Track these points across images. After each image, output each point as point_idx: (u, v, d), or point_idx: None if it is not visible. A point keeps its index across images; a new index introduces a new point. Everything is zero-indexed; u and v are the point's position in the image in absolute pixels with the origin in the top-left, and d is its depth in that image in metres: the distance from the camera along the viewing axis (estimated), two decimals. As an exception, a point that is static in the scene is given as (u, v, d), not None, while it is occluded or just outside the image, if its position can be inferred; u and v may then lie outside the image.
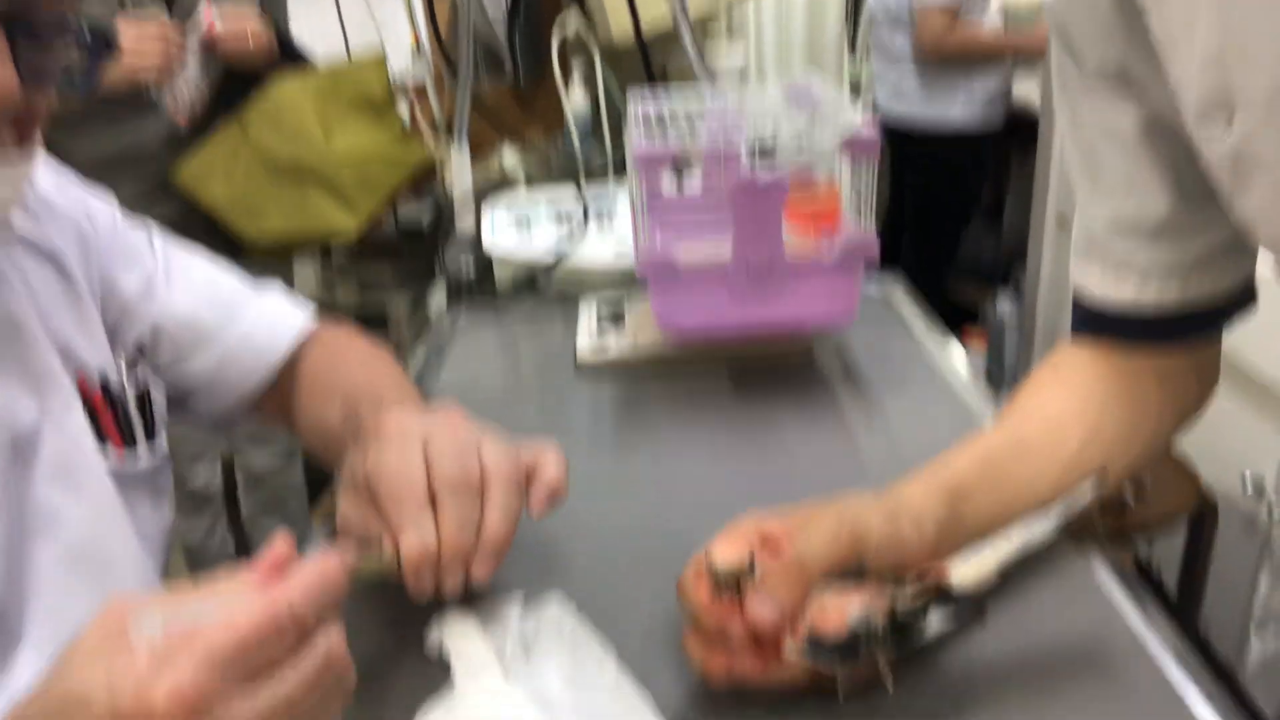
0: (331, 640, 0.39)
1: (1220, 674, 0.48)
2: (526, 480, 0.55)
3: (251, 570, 0.40)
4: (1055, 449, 0.59)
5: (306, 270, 2.47)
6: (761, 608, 0.45)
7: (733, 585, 0.46)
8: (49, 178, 0.67)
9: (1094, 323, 0.62)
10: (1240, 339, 0.63)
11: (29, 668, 0.53)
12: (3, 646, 0.55)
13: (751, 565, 0.47)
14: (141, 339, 0.72)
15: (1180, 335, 0.61)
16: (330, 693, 0.39)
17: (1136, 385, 0.61)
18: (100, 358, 0.67)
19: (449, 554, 0.50)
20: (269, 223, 1.63)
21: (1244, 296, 0.60)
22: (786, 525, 0.51)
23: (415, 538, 0.50)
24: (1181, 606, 1.63)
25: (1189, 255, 0.57)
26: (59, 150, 1.51)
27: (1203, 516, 1.55)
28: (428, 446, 0.53)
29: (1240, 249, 0.57)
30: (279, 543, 0.41)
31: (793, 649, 0.46)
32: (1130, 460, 0.61)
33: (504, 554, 0.52)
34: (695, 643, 0.49)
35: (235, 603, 0.37)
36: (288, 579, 0.39)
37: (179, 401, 0.75)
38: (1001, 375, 2.58)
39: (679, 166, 1.00)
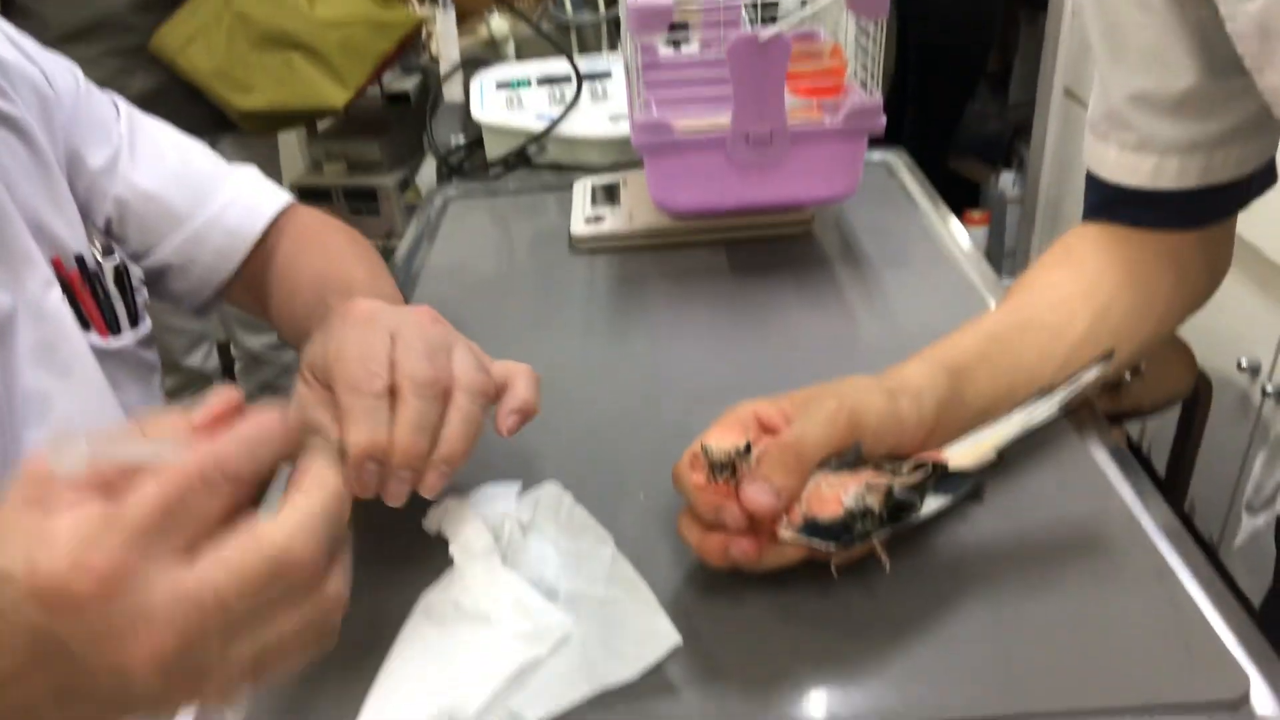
0: (336, 585, 0.36)
1: (1208, 554, 0.49)
2: (496, 395, 0.51)
3: (190, 417, 0.36)
4: (1062, 329, 0.58)
5: (293, 151, 2.42)
6: (758, 494, 0.45)
7: (728, 470, 0.46)
8: (3, 42, 0.63)
9: (1108, 205, 0.61)
10: (1244, 220, 0.62)
11: None
12: None
13: (747, 449, 0.46)
14: (109, 216, 0.69)
15: (1196, 217, 0.59)
16: (319, 637, 0.36)
17: (1148, 269, 0.60)
18: (74, 235, 0.65)
19: (400, 456, 0.45)
20: (256, 95, 1.58)
21: (1265, 177, 0.58)
22: (783, 409, 0.50)
23: (366, 431, 0.45)
24: (1169, 486, 1.66)
25: (1211, 132, 0.55)
26: (27, 17, 1.44)
27: (1196, 398, 1.56)
28: (395, 338, 0.48)
29: (1264, 127, 0.55)
30: (223, 394, 0.37)
31: (788, 531, 0.46)
32: (1137, 344, 0.60)
33: (456, 467, 0.47)
34: (691, 526, 0.48)
35: (164, 450, 0.34)
36: (225, 434, 0.35)
37: (152, 285, 0.73)
38: (1001, 254, 2.56)
39: (676, 35, 0.96)
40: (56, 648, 0.31)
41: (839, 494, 0.46)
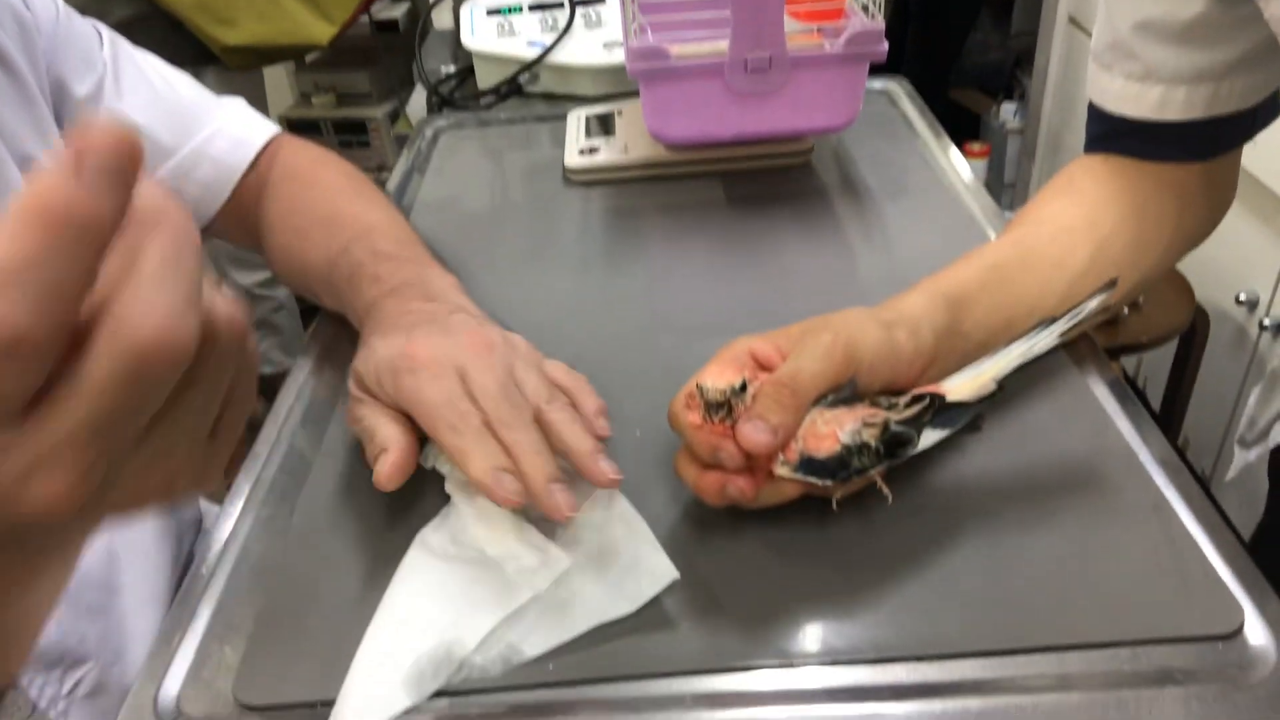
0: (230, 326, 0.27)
1: (1202, 487, 0.49)
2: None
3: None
4: (1063, 260, 0.57)
5: (280, 83, 2.37)
6: (753, 432, 0.44)
7: (723, 410, 0.45)
8: None
9: (1110, 136, 0.60)
10: (1247, 151, 0.61)
11: None
12: None
13: (742, 387, 0.45)
14: None
15: (1201, 149, 0.58)
16: (241, 394, 0.30)
17: (1150, 201, 0.59)
18: None
19: (535, 480, 0.45)
20: (238, 29, 1.53)
21: (1269, 110, 0.57)
22: (778, 344, 0.49)
23: (485, 456, 0.45)
24: (1163, 421, 1.66)
25: (1218, 61, 0.54)
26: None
27: (1193, 332, 1.55)
28: (465, 379, 0.49)
29: (1270, 57, 0.54)
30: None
31: (785, 468, 0.45)
32: (1138, 277, 0.60)
33: (600, 450, 0.48)
34: (688, 465, 0.48)
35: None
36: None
37: None
38: (1001, 187, 2.53)
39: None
40: None
41: (835, 430, 0.45)
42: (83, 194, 0.22)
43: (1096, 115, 0.61)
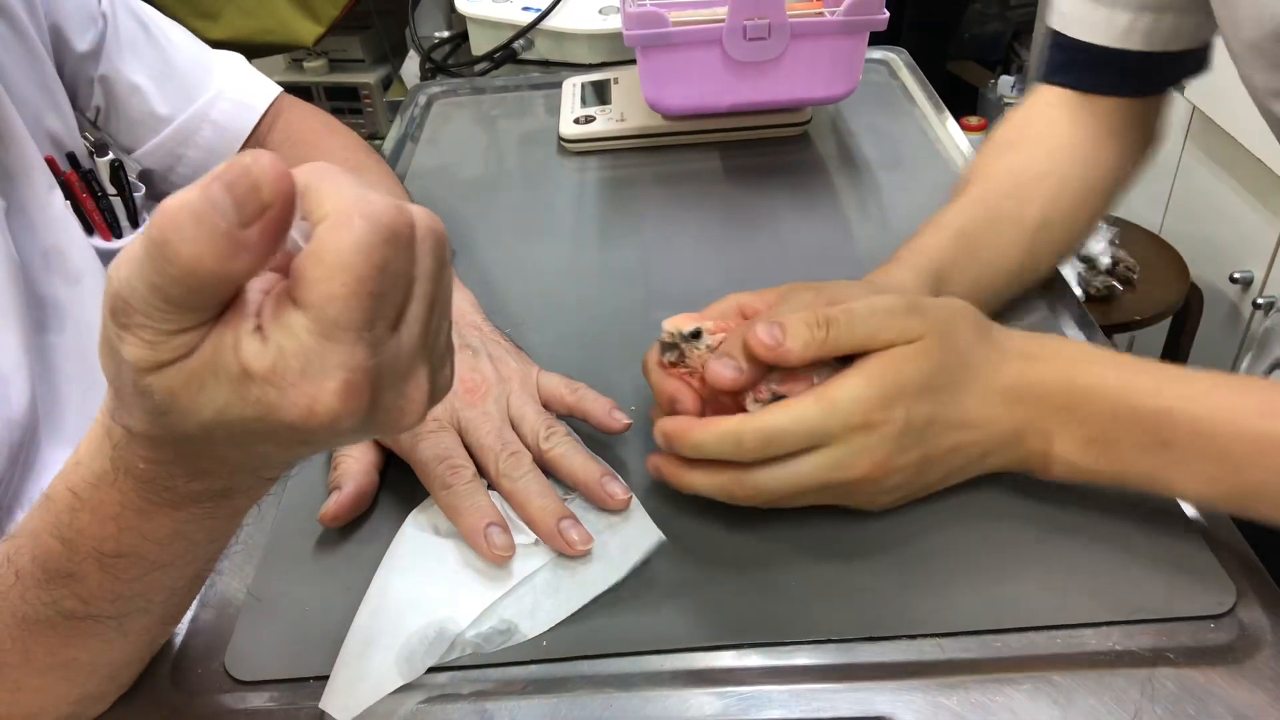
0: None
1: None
2: (567, 401, 0.52)
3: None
4: (1021, 217, 0.60)
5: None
6: (722, 369, 0.44)
7: (674, 350, 0.46)
8: None
9: (1069, 67, 0.64)
10: (1245, 128, 0.62)
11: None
12: (37, 445, 0.54)
13: (695, 333, 0.46)
14: (98, 105, 0.67)
15: (1146, 84, 0.63)
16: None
17: (1097, 144, 0.63)
18: (66, 129, 0.62)
19: (543, 523, 0.46)
20: (222, 24, 1.51)
21: (1199, 61, 0.62)
22: (766, 298, 0.50)
23: (473, 517, 0.46)
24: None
25: None
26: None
27: (1187, 310, 1.55)
28: (462, 431, 0.49)
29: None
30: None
31: (755, 406, 0.45)
32: (1086, 219, 0.64)
33: (606, 471, 0.48)
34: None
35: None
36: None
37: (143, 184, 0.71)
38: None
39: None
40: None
41: (811, 376, 0.45)
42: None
43: (1059, 44, 0.64)
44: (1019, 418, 0.44)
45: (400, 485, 0.51)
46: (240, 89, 0.72)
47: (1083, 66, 0.63)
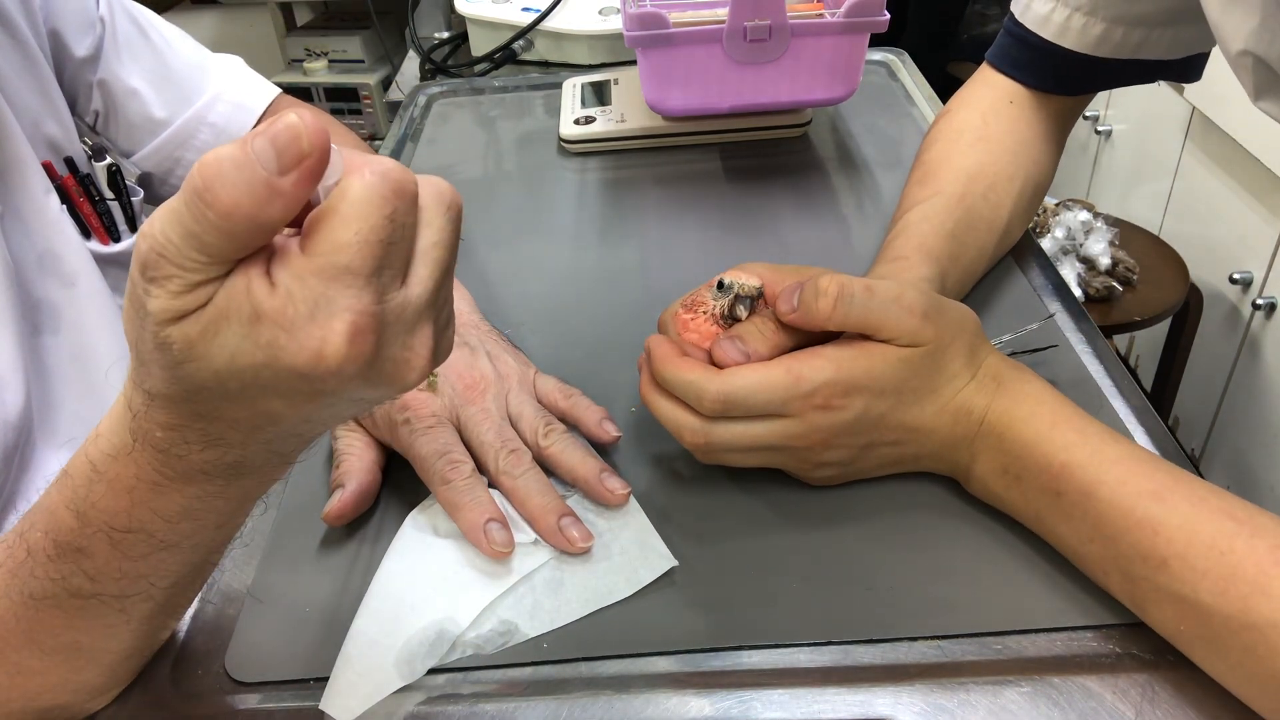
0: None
1: (1194, 469, 0.48)
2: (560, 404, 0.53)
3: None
4: (994, 220, 0.62)
5: (271, 47, 2.34)
6: (731, 350, 0.46)
7: (728, 298, 0.48)
8: None
9: (1031, 67, 0.66)
10: (1245, 130, 0.62)
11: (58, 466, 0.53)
12: (32, 448, 0.54)
13: (720, 285, 0.48)
14: (96, 110, 0.67)
15: (1079, 84, 0.66)
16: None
17: (1045, 143, 0.66)
18: (65, 134, 0.62)
19: (543, 521, 0.46)
20: None
21: (1141, 73, 0.64)
22: (776, 276, 0.50)
23: (473, 513, 0.46)
24: (1154, 401, 1.66)
25: (1147, 11, 0.60)
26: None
27: (1186, 310, 1.55)
28: (461, 428, 0.50)
29: (1192, 18, 0.58)
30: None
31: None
32: (1029, 221, 0.67)
33: (606, 469, 0.49)
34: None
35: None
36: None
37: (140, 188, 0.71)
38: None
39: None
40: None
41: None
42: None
43: (1024, 41, 0.65)
44: (958, 433, 0.46)
45: (402, 485, 0.51)
46: (238, 90, 0.72)
47: (1048, 67, 0.65)
